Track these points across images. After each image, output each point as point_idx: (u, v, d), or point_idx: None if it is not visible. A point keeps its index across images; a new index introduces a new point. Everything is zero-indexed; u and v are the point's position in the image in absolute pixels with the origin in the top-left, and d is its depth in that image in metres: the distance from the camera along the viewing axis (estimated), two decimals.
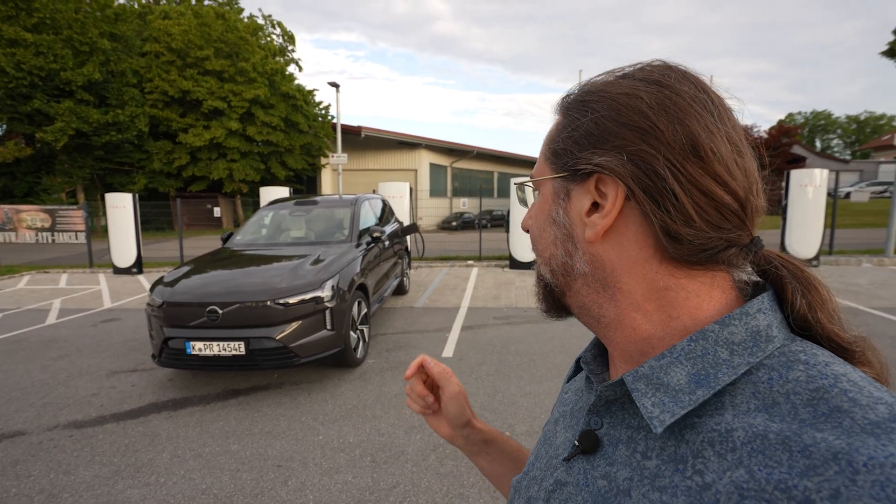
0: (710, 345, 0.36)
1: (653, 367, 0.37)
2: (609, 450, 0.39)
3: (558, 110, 0.44)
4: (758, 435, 0.31)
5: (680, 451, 0.34)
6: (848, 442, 0.27)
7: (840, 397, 0.30)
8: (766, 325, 0.36)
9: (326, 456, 2.79)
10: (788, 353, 0.34)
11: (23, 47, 17.08)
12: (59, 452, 2.93)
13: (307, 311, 3.61)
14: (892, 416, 0.28)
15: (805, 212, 8.42)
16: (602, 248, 0.40)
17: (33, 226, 10.91)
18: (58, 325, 5.93)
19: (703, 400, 0.34)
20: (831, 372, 0.32)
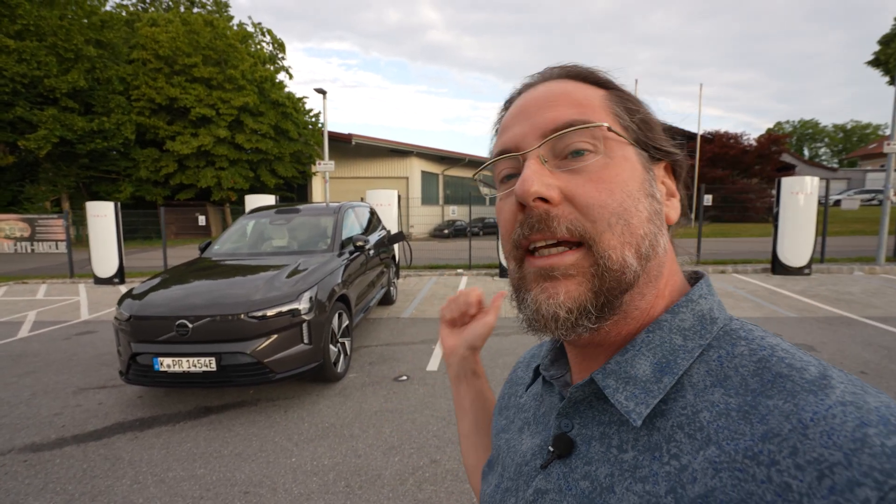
0: (665, 333, 0.38)
1: (619, 363, 0.38)
2: (584, 449, 0.39)
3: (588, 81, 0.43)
4: (721, 413, 0.33)
5: (653, 439, 0.35)
6: (794, 403, 0.31)
7: (779, 364, 0.34)
8: (708, 309, 0.39)
9: (298, 481, 2.61)
10: (730, 331, 0.38)
11: (5, 54, 16.78)
12: (9, 480, 2.72)
13: (283, 325, 3.44)
14: (822, 373, 0.32)
15: (796, 219, 8.40)
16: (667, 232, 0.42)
17: (11, 235, 10.64)
18: (29, 339, 5.69)
19: (670, 386, 0.36)
20: (767, 343, 0.36)
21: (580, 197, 0.37)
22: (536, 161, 0.39)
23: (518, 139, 0.41)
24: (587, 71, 0.43)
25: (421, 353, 4.74)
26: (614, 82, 0.43)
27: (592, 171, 0.38)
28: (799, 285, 7.66)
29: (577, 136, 0.38)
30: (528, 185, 0.37)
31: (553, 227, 0.37)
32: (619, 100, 0.42)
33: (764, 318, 5.64)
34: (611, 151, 0.39)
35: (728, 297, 6.88)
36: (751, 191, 22.01)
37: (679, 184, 0.45)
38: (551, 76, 0.44)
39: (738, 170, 24.60)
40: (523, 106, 0.42)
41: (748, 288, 7.56)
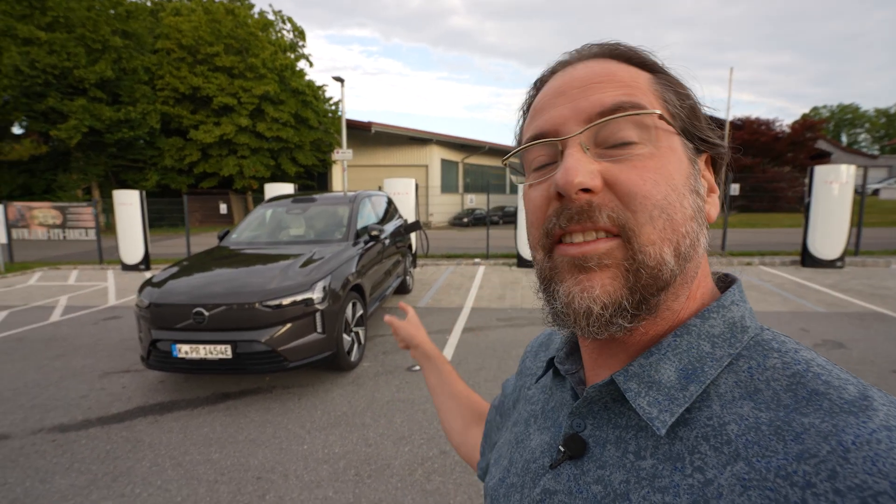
0: (693, 339, 0.36)
1: (642, 366, 0.36)
2: (597, 452, 0.37)
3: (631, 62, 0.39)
4: (750, 427, 0.31)
5: (675, 448, 0.34)
6: (833, 423, 0.29)
7: (815, 381, 0.32)
8: (739, 317, 0.37)
9: (309, 468, 2.65)
10: (762, 342, 0.36)
11: (37, 46, 17.31)
12: (38, 458, 2.84)
13: (297, 314, 3.47)
14: (861, 394, 0.30)
15: (830, 210, 8.03)
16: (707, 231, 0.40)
17: (45, 223, 11.04)
18: (60, 323, 5.92)
19: (696, 395, 0.34)
20: (802, 358, 0.34)
21: (623, 184, 0.35)
22: (579, 148, 0.36)
23: (557, 123, 0.38)
24: (630, 50, 0.40)
25: (436, 342, 4.72)
26: (660, 64, 0.40)
27: (637, 160, 0.35)
28: (830, 279, 7.35)
29: (624, 123, 0.36)
30: (571, 176, 0.34)
31: (595, 216, 0.35)
32: (667, 84, 0.39)
33: (790, 313, 5.44)
34: (658, 141, 0.36)
35: (753, 290, 6.65)
36: (782, 179, 21.18)
37: (719, 178, 0.42)
38: (590, 54, 0.40)
39: (769, 157, 23.68)
40: (562, 86, 0.39)
41: (775, 281, 7.30)
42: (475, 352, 4.45)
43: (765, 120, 24.33)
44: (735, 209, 20.71)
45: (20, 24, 17.09)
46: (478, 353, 4.42)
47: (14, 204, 11.10)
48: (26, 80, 17.34)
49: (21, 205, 11.16)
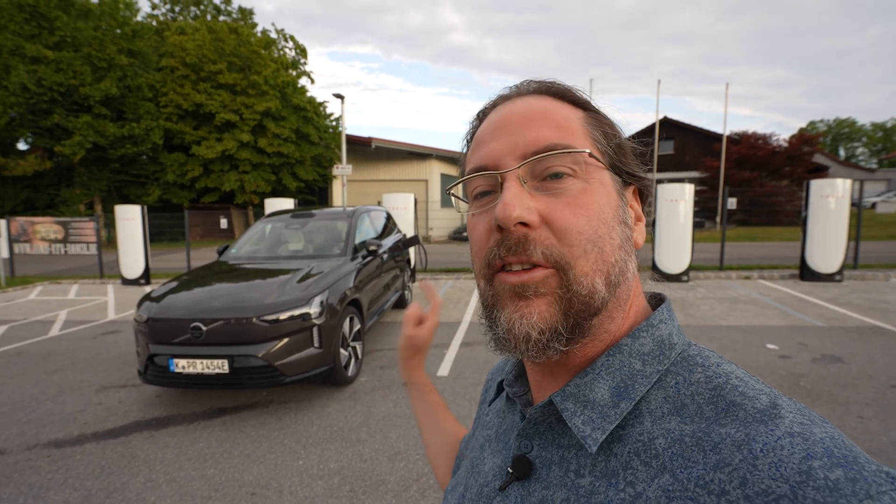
0: (625, 357, 0.38)
1: (578, 385, 0.38)
2: (543, 472, 0.39)
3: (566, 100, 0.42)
4: (676, 440, 0.33)
5: (610, 465, 0.35)
6: (745, 432, 0.31)
7: (732, 392, 0.34)
8: (668, 334, 0.40)
9: (304, 483, 2.64)
10: (688, 357, 0.38)
11: (44, 64, 17.61)
12: (33, 474, 2.84)
13: (294, 329, 3.49)
14: (772, 403, 0.32)
15: (827, 224, 8.07)
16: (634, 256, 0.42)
17: (47, 237, 11.10)
18: (59, 338, 5.93)
19: (627, 412, 0.36)
20: (723, 371, 0.36)
21: (558, 221, 0.37)
22: (517, 182, 0.38)
23: (496, 157, 0.40)
24: (565, 89, 0.43)
25: (433, 357, 4.74)
26: (591, 103, 0.43)
27: (571, 195, 0.38)
28: (829, 293, 7.36)
29: (557, 159, 0.38)
30: (509, 210, 0.36)
31: (529, 250, 0.37)
32: (596, 123, 0.41)
33: (789, 327, 5.44)
34: (589, 176, 0.39)
35: (751, 305, 6.66)
36: (779, 193, 21.28)
37: (645, 207, 0.45)
38: (528, 91, 0.43)
39: (766, 172, 23.82)
40: (501, 121, 0.41)
41: (774, 295, 7.31)
42: (473, 366, 4.45)
43: (762, 134, 24.53)
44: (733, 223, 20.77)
45: (28, 43, 17.42)
46: (475, 367, 4.42)
47: (17, 219, 11.18)
48: (33, 97, 17.60)
49: (24, 220, 11.24)
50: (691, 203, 8.43)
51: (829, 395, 3.56)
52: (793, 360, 4.38)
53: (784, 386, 3.76)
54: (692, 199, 8.45)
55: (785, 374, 4.03)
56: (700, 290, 7.82)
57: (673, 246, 8.42)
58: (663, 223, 8.40)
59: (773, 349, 4.69)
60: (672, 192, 8.39)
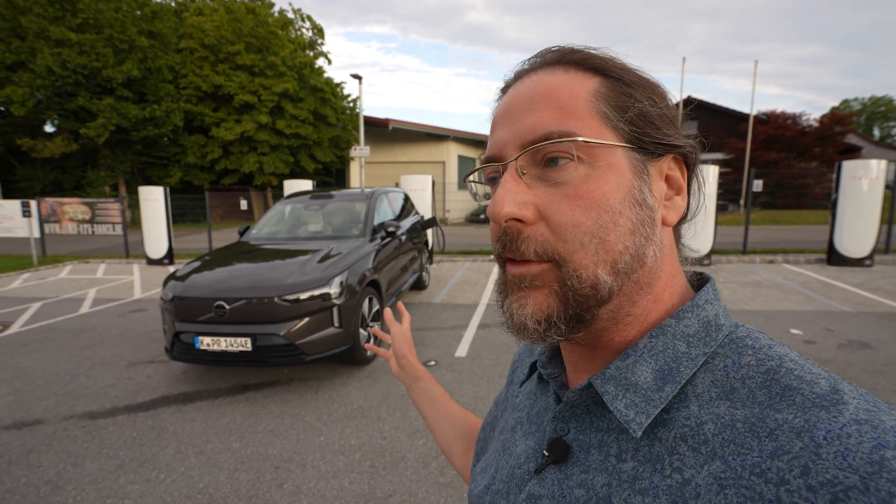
0: (669, 339, 0.37)
1: (619, 368, 0.37)
2: (581, 456, 0.38)
3: (583, 67, 0.39)
4: (726, 425, 0.32)
5: (654, 450, 0.34)
6: (805, 419, 0.29)
7: (788, 376, 0.32)
8: (714, 315, 0.38)
9: (326, 458, 2.72)
10: (736, 339, 0.36)
11: (68, 47, 17.87)
12: (70, 443, 2.98)
13: (314, 308, 3.54)
14: (832, 387, 0.31)
15: (858, 206, 7.78)
16: (666, 233, 0.40)
17: (75, 218, 11.43)
18: (89, 315, 6.15)
19: (672, 396, 0.35)
20: (775, 353, 0.34)
21: (554, 216, 0.36)
22: (514, 175, 0.37)
23: (500, 146, 0.39)
24: (583, 56, 0.40)
25: (450, 338, 4.78)
26: (615, 67, 0.39)
27: (571, 184, 0.36)
28: (858, 277, 7.13)
29: (554, 147, 0.36)
30: (498, 207, 0.36)
31: (521, 248, 0.37)
32: (612, 93, 0.38)
33: (814, 312, 5.30)
34: (595, 160, 0.36)
35: (775, 289, 6.50)
36: (808, 175, 20.54)
37: (692, 174, 0.42)
38: (545, 61, 0.41)
39: (794, 153, 22.97)
40: (509, 105, 0.40)
41: (799, 279, 7.12)
42: (490, 348, 4.47)
43: (791, 114, 23.58)
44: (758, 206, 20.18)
45: (52, 26, 17.66)
46: (493, 349, 4.44)
47: (46, 200, 11.52)
48: (58, 80, 17.93)
49: (53, 200, 11.58)
50: (715, 185, 8.21)
51: (855, 381, 3.46)
52: (818, 345, 4.28)
53: None
54: (716, 181, 8.22)
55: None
56: (722, 273, 7.66)
57: (695, 229, 8.17)
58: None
59: (798, 334, 4.59)
60: None
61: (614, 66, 0.39)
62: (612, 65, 0.39)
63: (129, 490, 2.49)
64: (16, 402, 3.57)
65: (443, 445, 0.72)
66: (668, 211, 0.40)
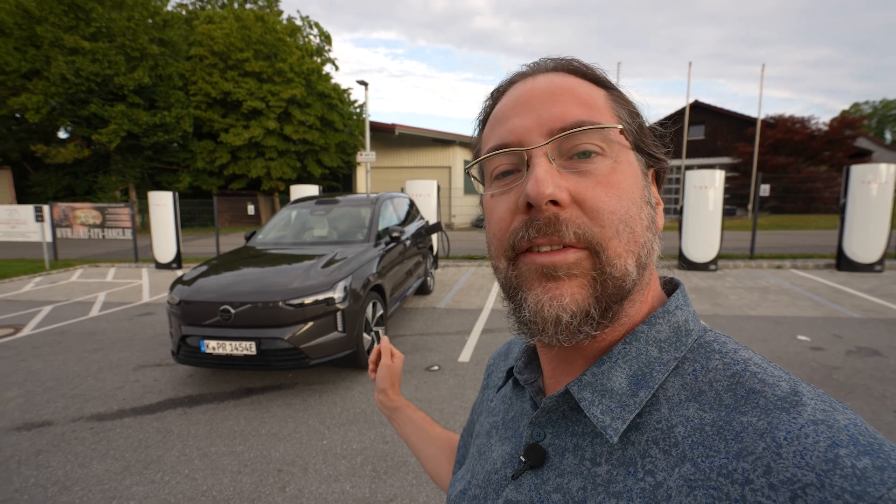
0: (642, 345, 0.38)
1: (595, 374, 0.38)
2: (556, 461, 0.38)
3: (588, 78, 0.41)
4: (695, 428, 0.33)
5: (627, 453, 0.35)
6: (767, 420, 0.31)
7: (752, 380, 0.33)
8: (684, 321, 0.39)
9: (328, 462, 2.73)
10: (704, 343, 0.38)
11: (81, 55, 18.22)
12: (78, 444, 3.02)
13: (318, 313, 3.57)
14: (792, 389, 0.32)
15: (867, 211, 7.69)
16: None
17: (86, 222, 11.61)
18: (98, 318, 6.23)
19: (646, 401, 0.35)
20: (740, 357, 0.35)
21: (590, 200, 0.36)
22: (545, 159, 0.36)
23: (521, 133, 0.38)
24: (585, 67, 0.41)
25: (454, 343, 4.79)
26: (612, 82, 0.42)
27: (601, 174, 0.36)
28: (867, 283, 7.04)
29: (586, 136, 0.37)
30: (542, 187, 0.35)
31: (561, 231, 0.35)
32: (620, 101, 0.40)
33: (822, 318, 5.25)
34: (618, 156, 0.38)
35: (783, 295, 6.44)
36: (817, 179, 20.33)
37: (660, 190, 0.45)
38: (547, 68, 0.41)
39: (803, 157, 22.76)
40: (524, 97, 0.39)
41: (807, 285, 7.04)
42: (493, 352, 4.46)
43: (799, 118, 23.37)
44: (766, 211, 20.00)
45: (67, 35, 18.03)
46: None
47: (59, 204, 11.72)
48: (71, 87, 18.27)
49: (65, 205, 11.77)
50: (721, 190, 8.16)
51: (863, 388, 3.44)
52: (826, 352, 4.23)
53: (815, 379, 3.65)
54: (722, 185, 8.17)
55: (817, 366, 3.90)
56: (729, 279, 7.60)
57: (701, 234, 8.19)
58: (691, 210, 8.16)
59: (805, 340, 4.54)
60: (701, 179, 8.13)
61: (610, 81, 0.42)
62: (609, 80, 0.42)
63: (135, 491, 2.52)
64: (26, 404, 3.63)
65: (431, 470, 0.71)
66: (658, 218, 0.42)
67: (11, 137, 20.26)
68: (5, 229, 11.45)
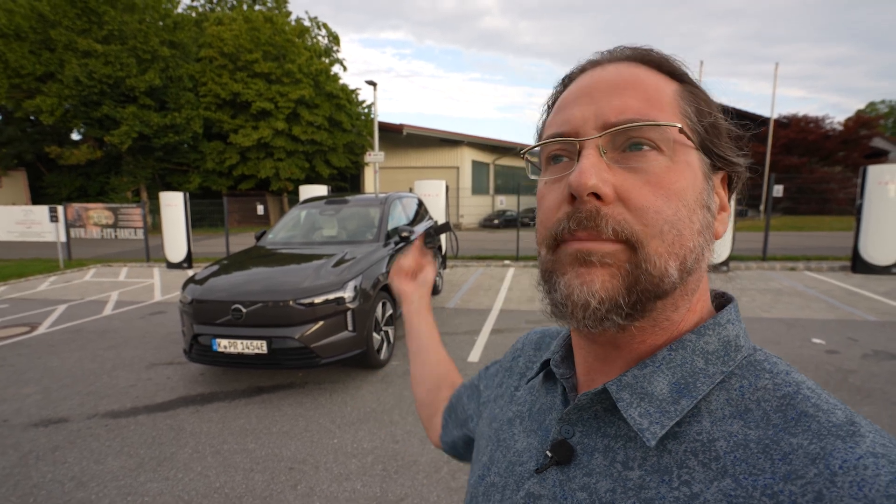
0: (688, 354, 0.37)
1: (636, 377, 0.37)
2: (585, 460, 0.38)
3: (662, 70, 0.39)
4: (739, 444, 0.32)
5: (663, 461, 0.34)
6: (821, 446, 0.29)
7: (804, 403, 0.32)
8: (734, 335, 0.38)
9: (339, 461, 2.74)
10: (755, 362, 0.36)
11: (94, 58, 18.51)
12: (93, 441, 3.06)
13: (329, 312, 3.59)
14: (849, 419, 0.31)
15: (885, 212, 7.57)
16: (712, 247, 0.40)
17: (99, 222, 11.77)
18: (112, 317, 6.32)
19: (688, 410, 0.35)
20: (793, 380, 0.34)
21: (635, 199, 0.35)
22: (596, 151, 0.36)
23: (577, 123, 0.38)
24: (662, 58, 0.40)
25: (463, 343, 4.79)
26: (689, 75, 0.40)
27: (652, 172, 0.36)
28: (884, 286, 6.93)
29: (641, 131, 0.36)
30: (585, 178, 0.35)
31: (601, 226, 0.35)
32: (691, 97, 0.39)
33: (837, 321, 5.17)
34: (675, 155, 0.36)
35: (796, 297, 6.35)
36: (831, 180, 20.05)
37: (732, 197, 0.43)
38: (621, 57, 0.40)
39: (817, 157, 22.46)
40: (588, 85, 0.39)
41: (821, 287, 6.94)
42: (503, 353, 4.45)
43: (813, 117, 23.09)
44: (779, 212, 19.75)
45: (80, 38, 18.31)
46: None
47: (72, 205, 11.89)
48: (84, 89, 18.56)
49: (78, 206, 11.94)
50: None
51: (880, 392, 3.38)
52: (841, 355, 4.17)
53: (831, 383, 3.60)
54: None
55: (832, 369, 3.85)
56: (741, 280, 7.52)
57: None
58: None
59: (819, 343, 4.48)
60: None
61: (689, 75, 0.40)
62: (687, 73, 0.40)
63: (149, 488, 2.55)
64: (43, 401, 3.68)
65: (416, 375, 0.77)
66: (719, 224, 0.40)
67: (26, 139, 20.62)
68: (21, 229, 11.65)
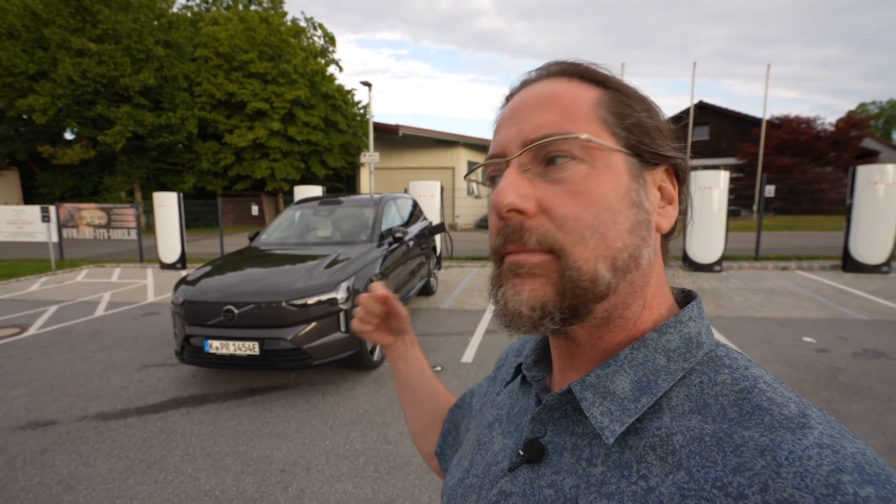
0: (649, 352, 0.38)
1: (599, 376, 0.38)
2: (554, 458, 0.39)
3: (585, 79, 0.41)
4: (695, 438, 0.33)
5: (624, 456, 0.35)
6: (770, 438, 0.30)
7: (760, 397, 0.33)
8: (696, 333, 0.39)
9: (330, 463, 2.74)
10: (715, 357, 0.38)
11: (87, 57, 18.37)
12: (82, 444, 3.04)
13: (321, 313, 3.58)
14: (801, 412, 0.32)
15: (874, 212, 7.64)
16: (657, 241, 0.42)
17: (92, 223, 11.69)
18: (103, 318, 6.27)
19: (647, 407, 0.36)
20: (751, 374, 0.35)
21: (556, 209, 0.37)
22: (517, 170, 0.39)
23: (504, 144, 0.41)
24: (584, 68, 0.42)
25: (457, 344, 4.79)
26: (614, 80, 0.42)
27: (571, 181, 0.37)
28: (874, 285, 6.99)
29: (555, 145, 0.38)
30: (501, 197, 0.37)
31: (525, 239, 0.37)
32: (612, 102, 0.40)
33: (827, 320, 5.21)
34: (594, 160, 0.38)
35: (788, 296, 6.40)
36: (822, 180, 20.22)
37: (682, 187, 0.44)
38: (549, 73, 0.43)
39: (808, 158, 22.63)
40: (515, 107, 0.42)
41: (813, 286, 7.00)
42: (497, 353, 4.46)
43: (804, 118, 23.27)
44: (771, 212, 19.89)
45: (74, 36, 18.17)
46: (499, 355, 4.44)
47: (65, 205, 11.80)
48: (78, 88, 18.41)
49: (71, 206, 11.85)
50: (726, 191, 8.13)
51: (869, 390, 3.41)
52: (831, 353, 4.20)
53: (820, 381, 3.62)
54: (727, 186, 8.15)
55: (822, 368, 3.88)
56: (733, 280, 7.56)
57: (705, 235, 8.17)
58: (695, 212, 8.08)
59: (810, 342, 4.51)
60: (706, 180, 8.12)
61: (613, 79, 0.42)
62: (612, 78, 0.42)
63: (138, 491, 2.53)
64: (32, 403, 3.65)
65: (413, 426, 0.74)
66: (661, 218, 0.42)
67: (18, 138, 20.44)
68: (12, 229, 11.54)
